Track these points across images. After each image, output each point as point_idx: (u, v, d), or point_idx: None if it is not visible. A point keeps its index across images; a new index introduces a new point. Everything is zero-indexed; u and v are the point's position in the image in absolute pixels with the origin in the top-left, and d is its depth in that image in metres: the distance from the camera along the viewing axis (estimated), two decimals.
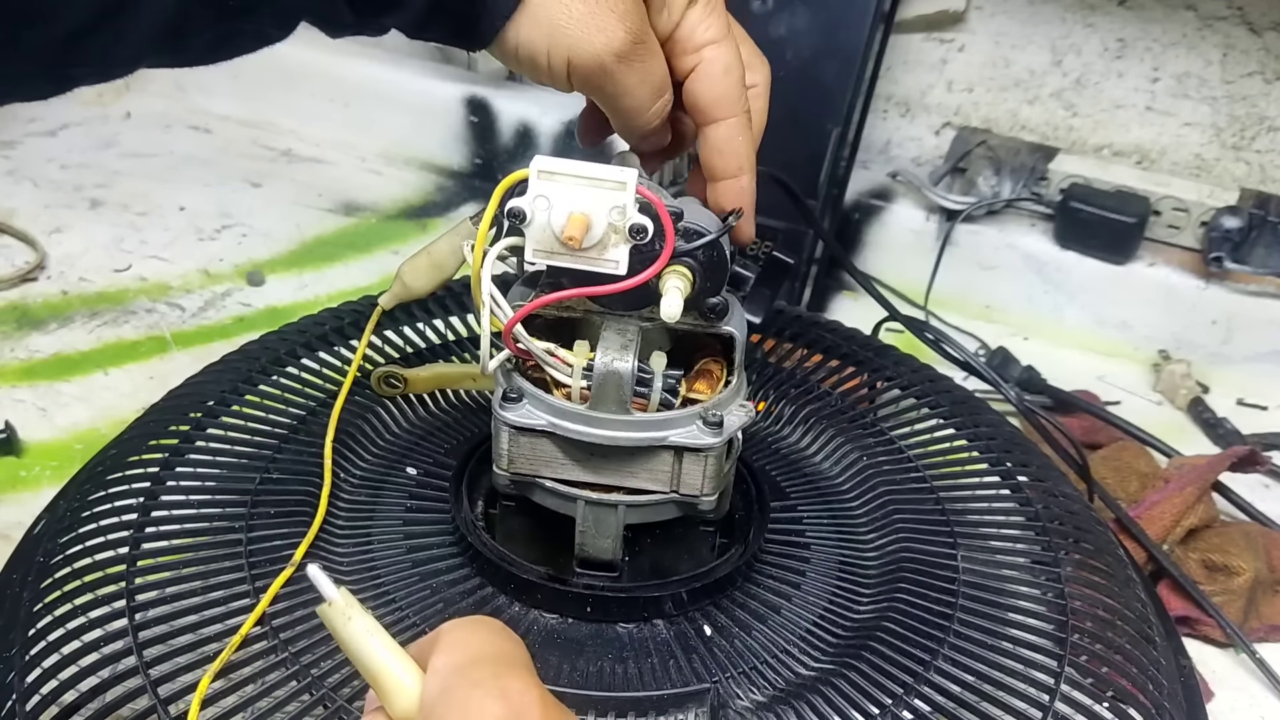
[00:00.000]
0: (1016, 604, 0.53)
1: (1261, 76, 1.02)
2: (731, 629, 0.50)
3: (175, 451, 0.57)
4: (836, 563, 0.56)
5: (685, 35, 0.45)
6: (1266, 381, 0.98)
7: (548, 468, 0.47)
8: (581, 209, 0.42)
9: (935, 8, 1.08)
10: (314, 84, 1.28)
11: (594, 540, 0.48)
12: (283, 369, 0.64)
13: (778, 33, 0.93)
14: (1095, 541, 0.58)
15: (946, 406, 0.66)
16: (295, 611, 0.48)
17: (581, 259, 0.43)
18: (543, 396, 0.46)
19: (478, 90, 1.24)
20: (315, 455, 0.57)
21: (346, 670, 0.45)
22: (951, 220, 1.06)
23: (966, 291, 1.07)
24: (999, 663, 0.48)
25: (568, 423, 0.46)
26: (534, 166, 0.42)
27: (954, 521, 0.57)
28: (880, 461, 0.63)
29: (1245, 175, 1.05)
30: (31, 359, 0.88)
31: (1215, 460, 0.78)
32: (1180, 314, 1.01)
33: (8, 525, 0.71)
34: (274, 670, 0.45)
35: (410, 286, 0.55)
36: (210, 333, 0.94)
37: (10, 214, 1.08)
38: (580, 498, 0.47)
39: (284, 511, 0.54)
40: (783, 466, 0.63)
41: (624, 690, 0.46)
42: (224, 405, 0.61)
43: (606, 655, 0.48)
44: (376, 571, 0.52)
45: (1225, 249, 0.98)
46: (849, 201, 1.09)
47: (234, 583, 0.49)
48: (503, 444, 0.46)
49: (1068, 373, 0.96)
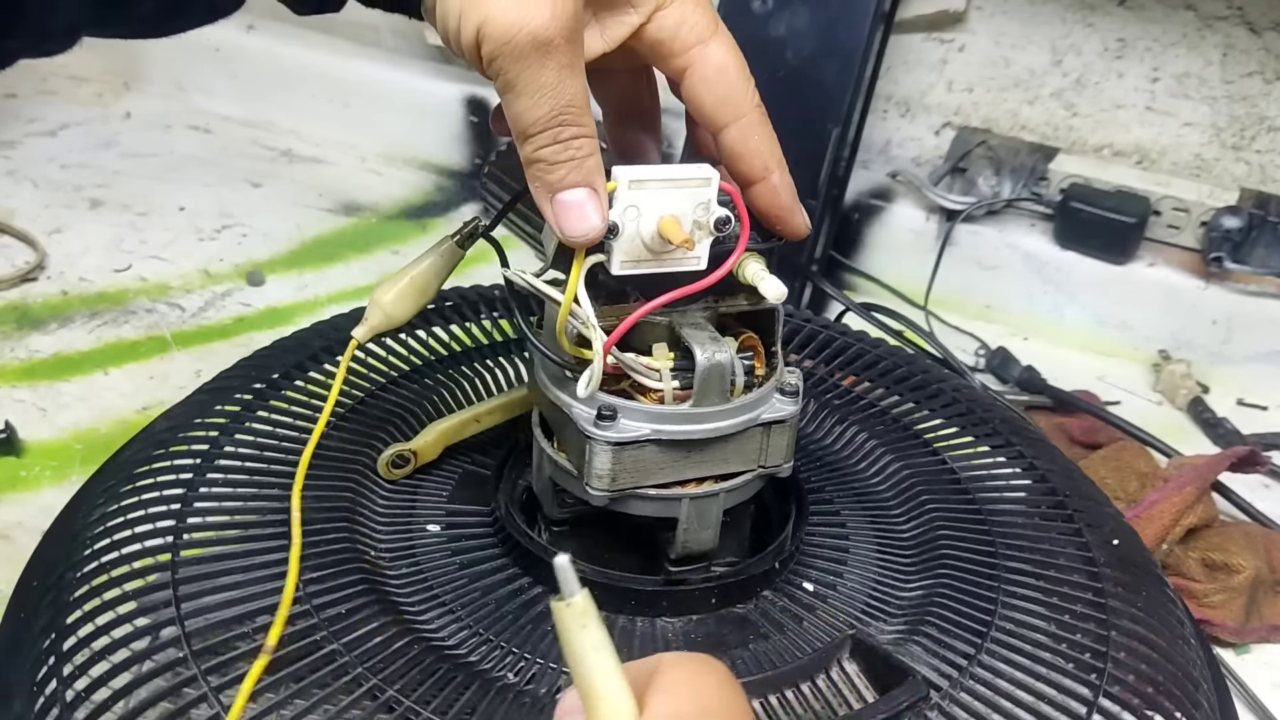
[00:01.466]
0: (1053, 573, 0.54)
1: (1261, 76, 1.02)
2: (825, 589, 0.53)
3: (214, 444, 0.57)
4: (874, 534, 0.57)
5: (666, 38, 0.42)
6: (1266, 381, 0.98)
7: (649, 475, 0.46)
8: (671, 211, 0.42)
9: (935, 8, 1.08)
10: (314, 84, 1.28)
11: (695, 534, 0.48)
12: (332, 356, 0.64)
13: (778, 33, 0.93)
14: (1119, 531, 0.58)
15: (961, 404, 0.67)
16: (331, 594, 0.48)
17: (667, 261, 0.43)
18: (640, 407, 0.45)
19: (478, 90, 1.24)
20: (358, 445, 0.57)
21: (397, 664, 0.44)
22: (951, 220, 1.06)
23: (966, 291, 1.07)
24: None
25: (671, 425, 0.45)
26: (621, 177, 0.41)
27: (982, 504, 0.58)
28: (894, 440, 0.63)
29: (1245, 175, 1.05)
30: (31, 359, 0.88)
31: (1215, 460, 0.78)
32: (1180, 314, 1.01)
33: (8, 525, 0.71)
34: (321, 662, 0.44)
35: (392, 315, 0.50)
36: (210, 333, 0.94)
37: (10, 214, 1.08)
38: (683, 496, 0.47)
39: (326, 500, 0.54)
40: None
41: (786, 663, 0.47)
42: (272, 391, 0.60)
43: (748, 638, 0.49)
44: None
45: (1225, 249, 0.98)
46: (849, 201, 1.09)
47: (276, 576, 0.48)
48: (603, 464, 0.45)
49: (1068, 373, 0.96)
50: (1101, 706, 0.45)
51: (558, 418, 0.47)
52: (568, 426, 0.46)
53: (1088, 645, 0.49)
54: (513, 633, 0.48)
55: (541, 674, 0.46)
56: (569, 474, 0.47)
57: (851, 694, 0.46)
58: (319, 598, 0.47)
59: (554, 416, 0.48)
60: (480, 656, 0.46)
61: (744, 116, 0.43)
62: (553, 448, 0.48)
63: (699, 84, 0.43)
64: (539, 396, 0.49)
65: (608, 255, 0.42)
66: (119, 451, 0.61)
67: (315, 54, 1.26)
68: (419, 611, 0.48)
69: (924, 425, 0.65)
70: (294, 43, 1.26)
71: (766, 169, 0.44)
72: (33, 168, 1.17)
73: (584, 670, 0.28)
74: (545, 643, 0.47)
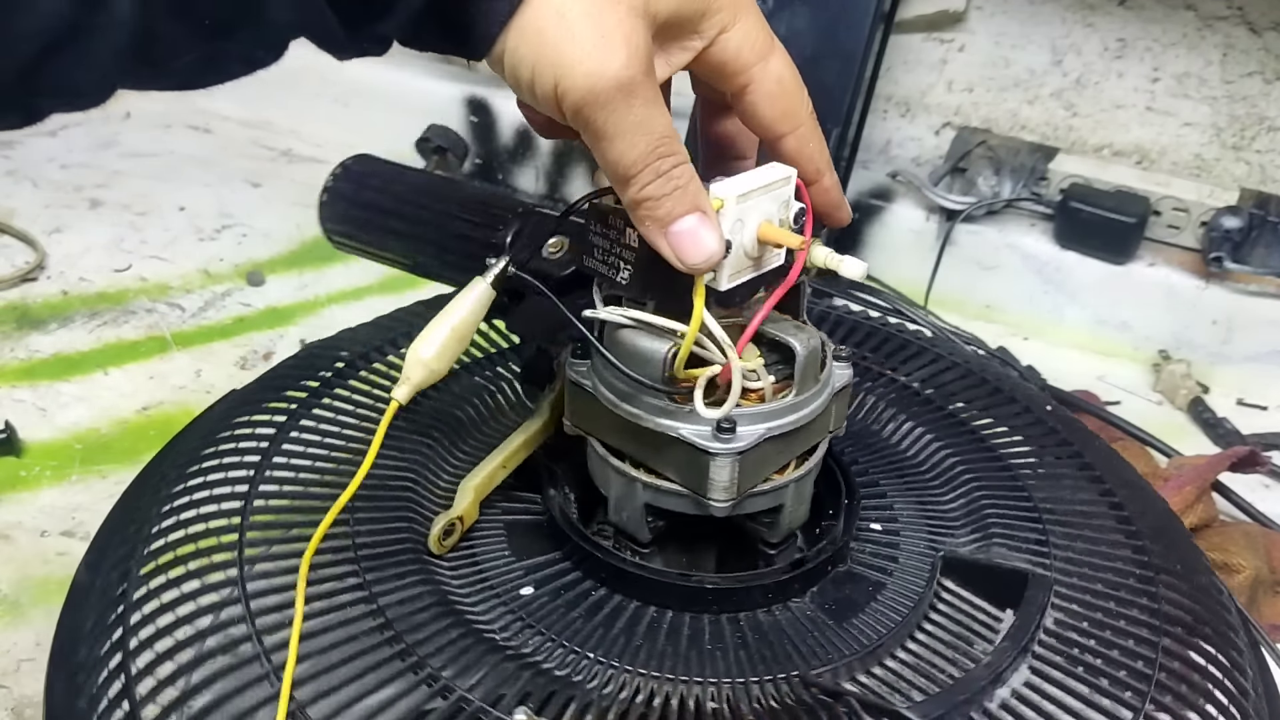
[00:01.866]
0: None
1: (1261, 76, 1.02)
2: (889, 526, 0.54)
3: (282, 428, 0.56)
4: (904, 485, 0.58)
5: (730, 59, 0.42)
6: (1266, 381, 0.98)
7: (762, 472, 0.46)
8: (766, 216, 0.42)
9: (935, 8, 1.08)
10: (314, 84, 1.28)
11: (795, 512, 0.49)
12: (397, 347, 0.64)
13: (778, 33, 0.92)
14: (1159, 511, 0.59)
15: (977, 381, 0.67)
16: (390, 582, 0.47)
17: (761, 264, 0.44)
18: (750, 411, 0.45)
19: (478, 90, 1.24)
20: (421, 436, 0.56)
21: (450, 652, 0.44)
22: (951, 220, 1.06)
23: (966, 291, 1.07)
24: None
25: (780, 419, 0.45)
26: (727, 194, 0.41)
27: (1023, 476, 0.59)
28: (909, 405, 0.64)
29: (1245, 175, 1.05)
30: (31, 359, 0.88)
31: (1215, 460, 0.78)
32: (1180, 314, 1.01)
33: (8, 525, 0.71)
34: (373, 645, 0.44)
35: (437, 370, 0.47)
36: (210, 332, 0.94)
37: (10, 214, 1.08)
38: (789, 481, 0.48)
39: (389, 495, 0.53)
40: None
41: (880, 629, 0.47)
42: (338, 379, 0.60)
43: (868, 590, 0.50)
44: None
45: (1225, 249, 0.98)
46: (849, 202, 1.08)
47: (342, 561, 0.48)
48: (728, 476, 0.45)
49: (1068, 373, 0.96)
50: None
51: (652, 443, 0.46)
52: (672, 449, 0.45)
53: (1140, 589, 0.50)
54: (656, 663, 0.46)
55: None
56: (675, 495, 0.46)
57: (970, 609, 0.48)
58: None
59: (642, 443, 0.46)
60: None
61: (801, 125, 0.44)
62: (647, 474, 0.47)
63: (760, 99, 0.43)
64: (605, 428, 0.48)
65: (716, 273, 0.42)
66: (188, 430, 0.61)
67: (315, 54, 1.26)
68: (568, 665, 0.46)
69: (935, 393, 0.66)
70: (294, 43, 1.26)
71: (819, 172, 0.45)
72: (33, 168, 1.17)
73: None
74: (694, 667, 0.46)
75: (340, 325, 0.67)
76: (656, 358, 0.44)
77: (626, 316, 0.44)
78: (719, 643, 0.46)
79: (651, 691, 0.44)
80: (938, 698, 0.43)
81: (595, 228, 0.44)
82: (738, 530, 0.50)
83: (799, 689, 0.44)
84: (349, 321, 0.67)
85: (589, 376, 0.47)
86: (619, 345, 0.45)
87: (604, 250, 0.44)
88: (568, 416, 0.49)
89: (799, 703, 0.43)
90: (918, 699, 0.43)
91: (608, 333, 0.45)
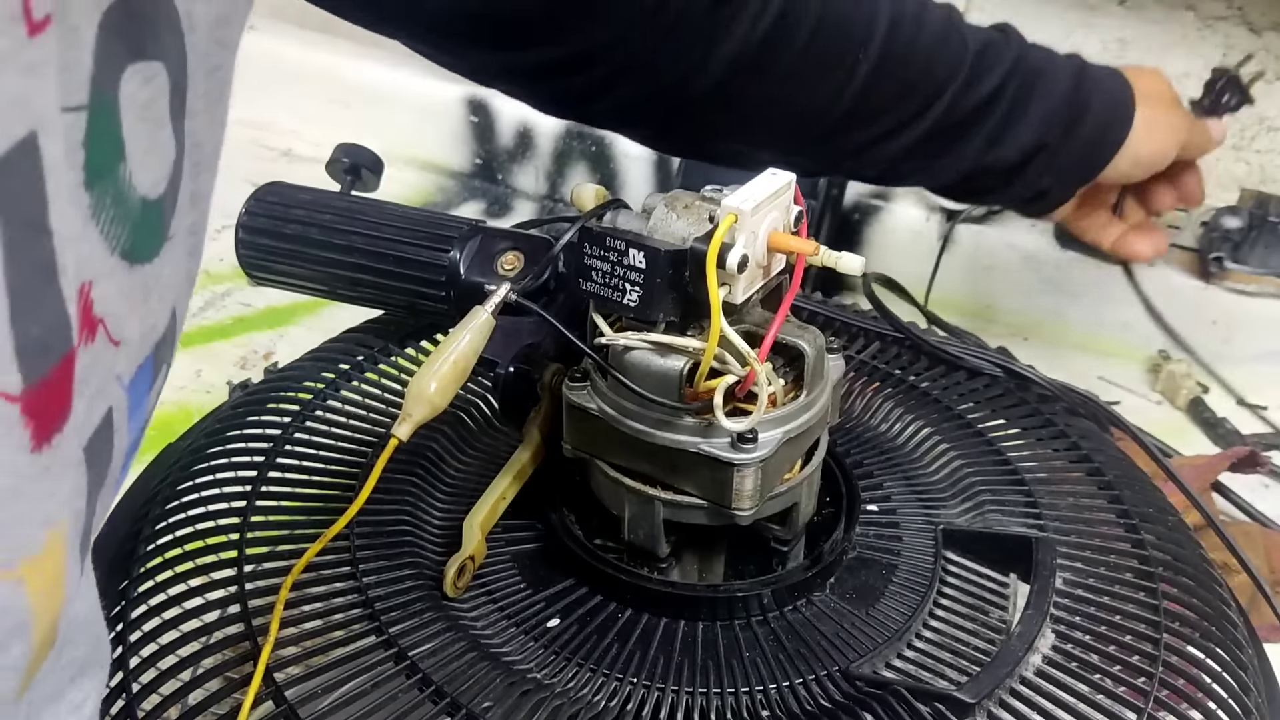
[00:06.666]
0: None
1: (1261, 77, 1.02)
2: (885, 506, 0.55)
3: (286, 429, 0.57)
4: (895, 470, 0.59)
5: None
6: (1266, 381, 0.97)
7: (779, 475, 0.46)
8: (773, 225, 0.43)
9: None
10: (314, 84, 1.28)
11: (807, 508, 0.49)
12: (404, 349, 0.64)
13: None
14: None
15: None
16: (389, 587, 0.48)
17: (769, 272, 0.44)
18: (768, 416, 0.44)
19: (478, 90, 1.23)
20: (426, 440, 0.57)
21: (492, 695, 0.43)
22: (951, 220, 1.06)
23: (966, 291, 1.07)
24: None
25: (794, 422, 0.45)
26: (741, 207, 0.41)
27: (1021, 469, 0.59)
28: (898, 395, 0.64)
29: (1245, 175, 1.05)
30: None
31: (1215, 460, 0.78)
32: (1180, 314, 1.01)
33: None
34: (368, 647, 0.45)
35: (438, 405, 0.46)
36: (210, 333, 0.94)
37: None
38: (802, 480, 0.48)
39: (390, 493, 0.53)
40: None
41: (904, 610, 0.48)
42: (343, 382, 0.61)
43: (881, 574, 0.50)
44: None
45: (1225, 249, 0.98)
46: (849, 201, 1.08)
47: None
48: (751, 485, 0.44)
49: (1068, 373, 0.96)
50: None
51: (668, 459, 0.45)
52: (691, 463, 0.45)
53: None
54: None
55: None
56: (695, 508, 0.46)
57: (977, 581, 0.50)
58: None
59: (657, 460, 0.46)
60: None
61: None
62: (664, 490, 0.47)
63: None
64: (613, 448, 0.47)
65: (732, 286, 0.42)
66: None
67: (315, 54, 1.26)
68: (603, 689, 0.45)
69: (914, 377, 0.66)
70: (294, 43, 1.26)
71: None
72: None
73: None
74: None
75: (340, 326, 0.67)
76: (671, 374, 0.43)
77: (644, 340, 0.44)
78: (756, 649, 0.46)
79: (702, 707, 0.43)
80: (983, 675, 0.43)
81: (591, 250, 0.43)
82: (745, 532, 0.49)
83: (843, 684, 0.44)
84: (349, 321, 0.67)
85: (591, 399, 0.46)
86: (630, 366, 0.44)
87: (604, 273, 0.44)
88: (567, 440, 0.48)
89: (849, 698, 0.43)
90: (955, 677, 0.44)
91: (614, 355, 0.45)
